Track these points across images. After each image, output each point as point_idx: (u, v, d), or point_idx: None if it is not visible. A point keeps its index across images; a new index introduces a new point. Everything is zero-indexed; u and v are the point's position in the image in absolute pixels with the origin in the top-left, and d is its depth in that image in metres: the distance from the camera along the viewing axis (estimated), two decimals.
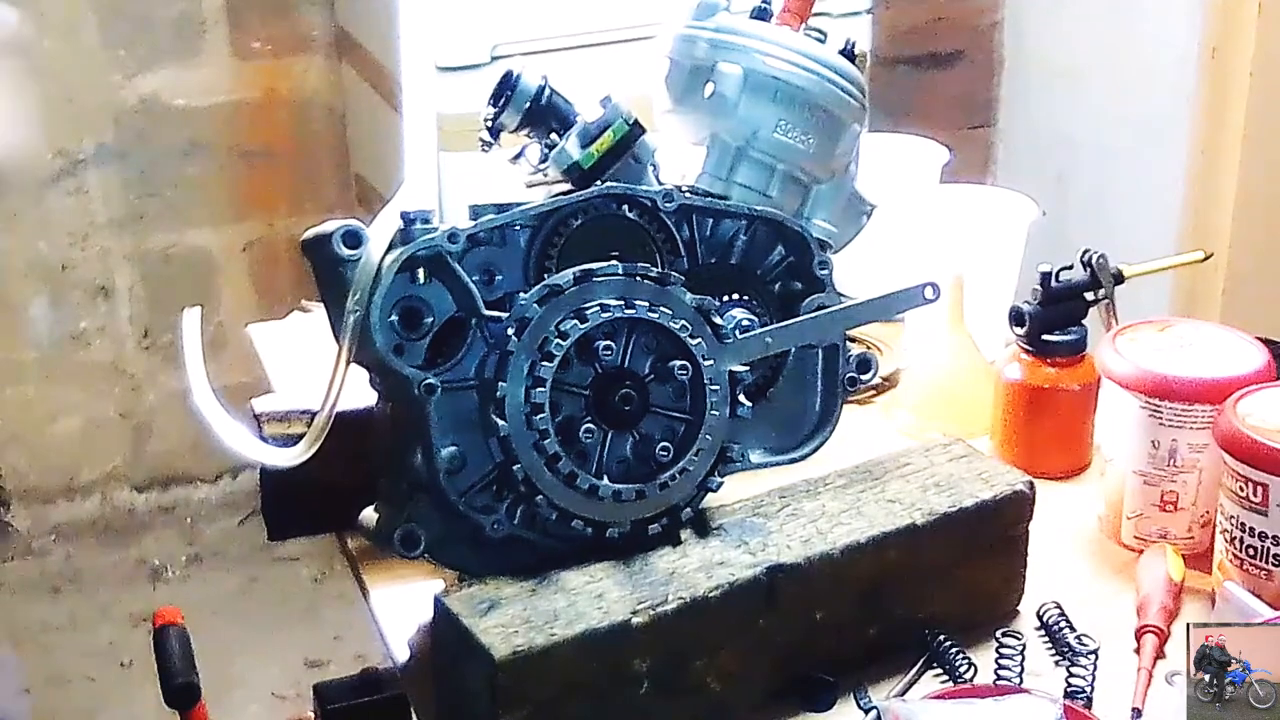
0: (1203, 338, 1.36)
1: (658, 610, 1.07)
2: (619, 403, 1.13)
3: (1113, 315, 1.45)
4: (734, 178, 1.28)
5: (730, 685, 1.12)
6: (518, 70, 1.24)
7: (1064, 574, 1.31)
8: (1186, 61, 2.73)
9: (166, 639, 1.59)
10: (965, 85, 3.28)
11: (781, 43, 1.26)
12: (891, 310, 1.30)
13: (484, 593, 1.09)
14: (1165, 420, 1.29)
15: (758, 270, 1.26)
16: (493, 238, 1.15)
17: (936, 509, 1.19)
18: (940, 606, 1.20)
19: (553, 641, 1.03)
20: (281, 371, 1.65)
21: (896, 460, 1.26)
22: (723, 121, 1.27)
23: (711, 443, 1.16)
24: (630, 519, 1.14)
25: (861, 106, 1.30)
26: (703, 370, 1.15)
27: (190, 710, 1.54)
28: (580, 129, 1.22)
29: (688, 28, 1.29)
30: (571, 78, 1.28)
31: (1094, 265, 1.45)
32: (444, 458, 1.11)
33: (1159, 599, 1.22)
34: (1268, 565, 1.20)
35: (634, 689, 1.07)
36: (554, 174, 1.23)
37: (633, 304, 1.13)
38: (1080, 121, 3.02)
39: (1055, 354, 1.43)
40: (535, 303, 1.11)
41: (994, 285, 1.62)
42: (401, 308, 1.11)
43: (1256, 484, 1.19)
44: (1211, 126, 2.73)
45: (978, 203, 1.71)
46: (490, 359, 1.12)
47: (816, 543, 1.15)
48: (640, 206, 1.19)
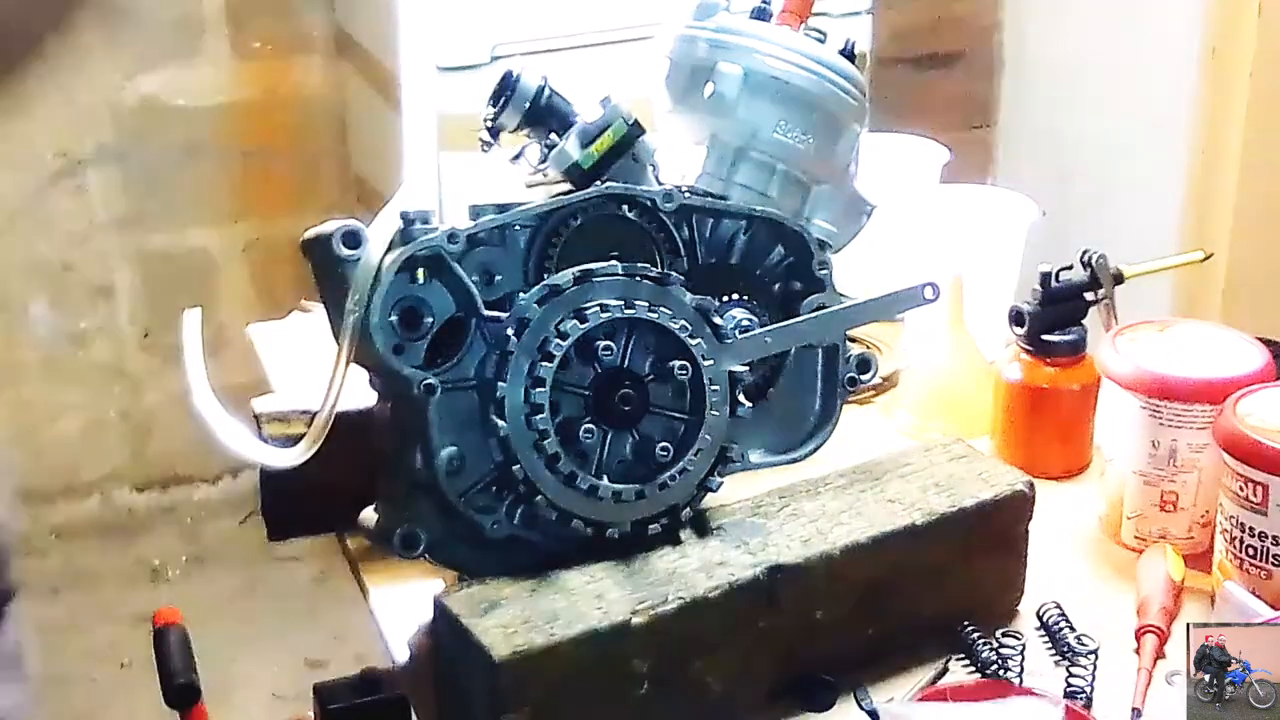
0: (1203, 338, 1.36)
1: (657, 610, 1.07)
2: (619, 403, 1.13)
3: (1113, 315, 1.45)
4: (734, 178, 1.28)
5: (730, 685, 1.12)
6: (518, 70, 1.24)
7: (1064, 574, 1.31)
8: (1186, 61, 2.73)
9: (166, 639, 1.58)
10: (965, 85, 3.28)
11: (781, 43, 1.26)
12: (891, 310, 1.30)
13: (484, 593, 1.09)
14: (1165, 420, 1.29)
15: (758, 270, 1.26)
16: (492, 238, 1.15)
17: (936, 509, 1.19)
18: (940, 606, 1.20)
19: (553, 641, 1.03)
20: (281, 371, 1.65)
21: (896, 460, 1.26)
22: (723, 121, 1.27)
23: (711, 443, 1.16)
24: (630, 519, 1.14)
25: (861, 106, 1.30)
26: (702, 370, 1.15)
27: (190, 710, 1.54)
28: (580, 129, 1.22)
29: (688, 28, 1.29)
30: (571, 78, 1.28)
31: (1094, 265, 1.45)
32: (444, 458, 1.11)
33: (1159, 599, 1.22)
34: (1268, 565, 1.20)
35: (634, 689, 1.07)
36: (554, 174, 1.23)
37: (632, 304, 1.13)
38: (1080, 121, 3.02)
39: (1055, 354, 1.43)
40: (535, 303, 1.11)
41: (994, 285, 1.62)
42: (401, 308, 1.11)
43: (1256, 484, 1.19)
44: (1211, 126, 2.73)
45: (978, 203, 1.71)
46: (490, 359, 1.12)
47: (816, 543, 1.15)
48: (640, 206, 1.19)
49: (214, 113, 2.97)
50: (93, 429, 3.11)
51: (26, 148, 2.89)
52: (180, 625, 1.60)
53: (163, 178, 2.98)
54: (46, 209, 2.93)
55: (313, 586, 3.02)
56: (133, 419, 3.13)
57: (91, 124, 2.91)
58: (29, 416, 3.06)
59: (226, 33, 2.93)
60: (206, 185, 3.02)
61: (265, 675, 2.75)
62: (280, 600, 2.99)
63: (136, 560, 3.11)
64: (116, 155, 2.94)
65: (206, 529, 3.19)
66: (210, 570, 3.10)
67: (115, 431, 3.13)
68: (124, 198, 2.97)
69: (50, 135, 2.89)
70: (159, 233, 3.02)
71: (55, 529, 3.12)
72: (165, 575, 3.10)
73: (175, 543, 3.16)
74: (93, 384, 3.07)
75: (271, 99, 2.99)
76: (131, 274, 3.03)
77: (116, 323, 3.05)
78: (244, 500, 3.14)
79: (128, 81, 2.90)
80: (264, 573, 3.04)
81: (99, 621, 2.93)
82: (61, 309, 3.01)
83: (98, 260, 3.00)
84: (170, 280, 3.04)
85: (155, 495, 3.19)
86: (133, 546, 3.13)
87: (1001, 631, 1.19)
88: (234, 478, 3.18)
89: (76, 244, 2.97)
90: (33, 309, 3.00)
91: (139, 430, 3.14)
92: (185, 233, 3.04)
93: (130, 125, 2.93)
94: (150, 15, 2.87)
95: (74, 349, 3.05)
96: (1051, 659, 1.20)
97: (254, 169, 3.04)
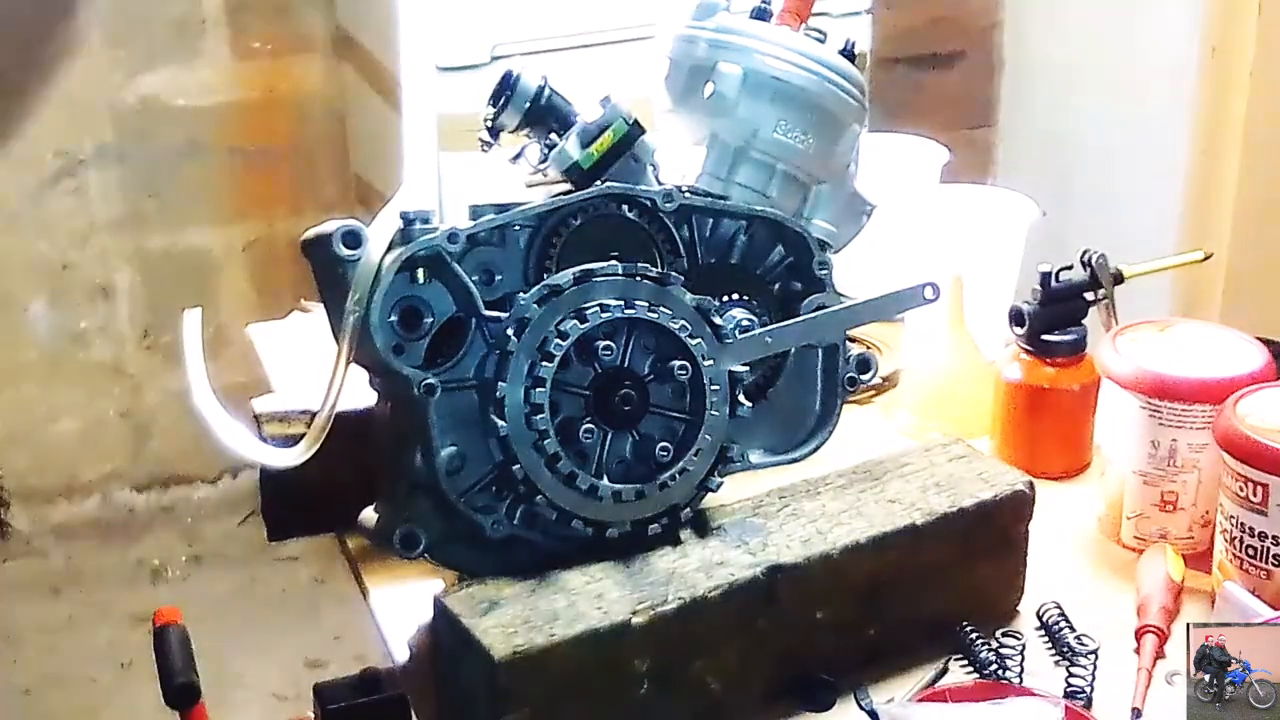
0: (1203, 338, 1.36)
1: (657, 610, 1.07)
2: (619, 403, 1.13)
3: (1113, 315, 1.45)
4: (734, 178, 1.28)
5: (730, 685, 1.12)
6: (518, 70, 1.24)
7: (1064, 574, 1.31)
8: (1186, 61, 2.73)
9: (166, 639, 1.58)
10: (965, 85, 3.28)
11: (781, 43, 1.26)
12: (891, 310, 1.30)
13: (484, 593, 1.09)
14: (1165, 420, 1.29)
15: (758, 270, 1.26)
16: (492, 238, 1.15)
17: (936, 509, 1.19)
18: (940, 606, 1.20)
19: (553, 641, 1.03)
20: (281, 371, 1.65)
21: (896, 460, 1.26)
22: (723, 121, 1.27)
23: (711, 443, 1.16)
24: (630, 519, 1.14)
25: (861, 106, 1.30)
26: (702, 370, 1.15)
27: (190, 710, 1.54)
28: (580, 129, 1.22)
29: (688, 28, 1.29)
30: (571, 78, 1.28)
31: (1094, 265, 1.45)
32: (444, 458, 1.11)
33: (1159, 599, 1.22)
34: (1268, 565, 1.20)
35: (634, 689, 1.07)
36: (554, 174, 1.23)
37: (632, 304, 1.13)
38: (1080, 121, 3.02)
39: (1055, 354, 1.43)
40: (535, 303, 1.11)
41: (994, 285, 1.62)
42: (401, 308, 1.11)
43: (1256, 484, 1.19)
44: (1211, 126, 2.73)
45: (978, 203, 1.71)
46: (490, 359, 1.12)
47: (816, 543, 1.15)
48: (640, 206, 1.19)
49: (214, 113, 2.97)
50: (93, 429, 3.11)
51: (26, 148, 2.89)
52: (180, 625, 1.60)
53: (162, 178, 2.98)
54: (46, 209, 2.93)
55: (313, 586, 3.02)
56: (133, 419, 3.13)
57: (91, 124, 2.91)
58: (29, 416, 3.06)
59: (226, 33, 2.93)
60: (206, 185, 3.02)
61: (265, 675, 2.75)
62: (280, 600, 2.99)
63: (136, 560, 3.11)
64: (116, 155, 2.94)
65: (206, 529, 3.19)
66: (210, 570, 3.10)
67: (115, 431, 3.13)
68: (124, 198, 2.97)
69: (50, 135, 2.89)
70: (159, 233, 3.02)
71: (55, 529, 3.12)
72: (165, 575, 3.10)
73: (175, 543, 3.16)
74: (93, 384, 3.07)
75: (271, 99, 2.99)
76: (131, 274, 3.03)
77: (116, 323, 3.05)
78: (244, 500, 3.14)
79: (128, 81, 2.90)
80: (264, 573, 3.04)
81: (99, 621, 2.93)
82: (61, 309, 3.01)
83: (98, 260, 3.00)
84: (170, 280, 3.04)
85: (155, 495, 3.19)
86: (133, 546, 3.13)
87: (1001, 632, 1.19)
88: (234, 478, 3.19)
89: (76, 244, 2.97)
90: (33, 309, 3.00)
91: (139, 430, 3.14)
92: (185, 233, 3.04)
93: (130, 125, 2.93)
94: (150, 15, 2.87)
95: (74, 349, 3.05)
96: (1051, 659, 1.20)
97: (254, 169, 3.04)
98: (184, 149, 2.97)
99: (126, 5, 2.85)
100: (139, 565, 3.10)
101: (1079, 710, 1.11)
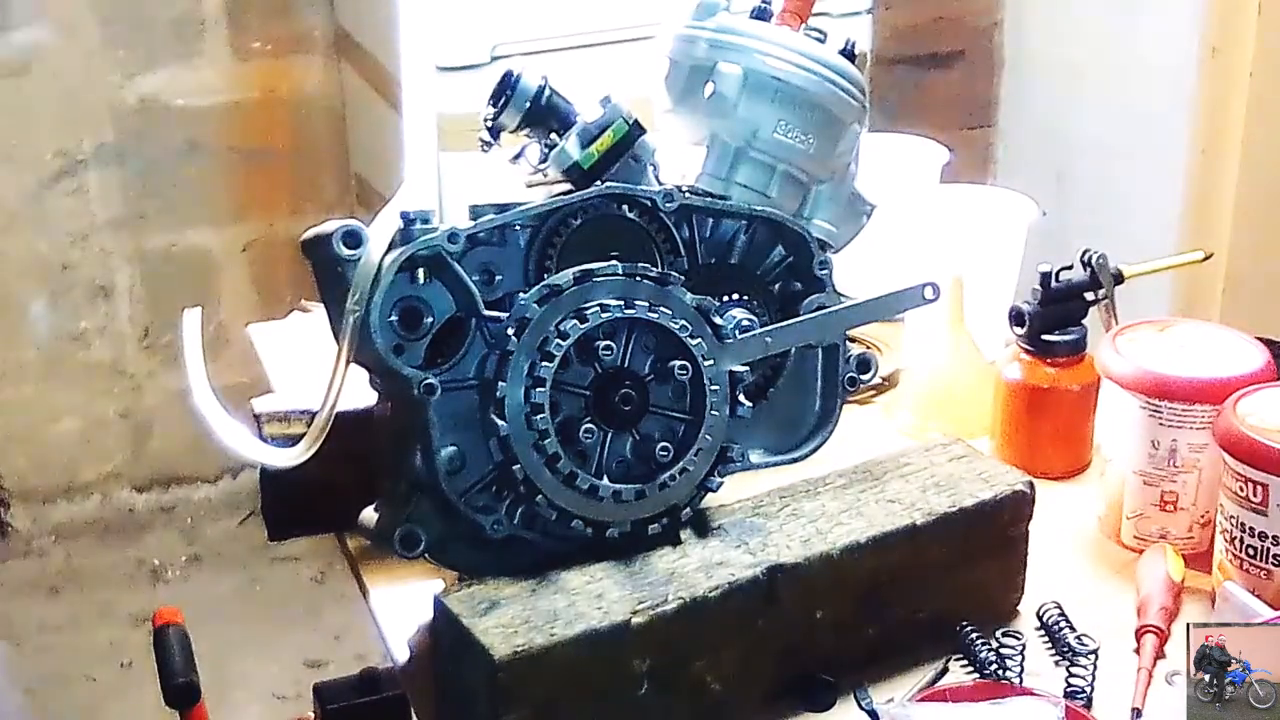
0: (1203, 338, 1.36)
1: (657, 610, 1.07)
2: (619, 403, 1.13)
3: (1113, 315, 1.45)
4: (734, 178, 1.28)
5: (730, 685, 1.12)
6: (518, 70, 1.24)
7: (1064, 574, 1.31)
8: (1186, 61, 2.73)
9: (166, 639, 1.59)
10: (965, 85, 3.28)
11: (781, 43, 1.26)
12: (891, 310, 1.30)
13: (484, 593, 1.09)
14: (1165, 420, 1.29)
15: (758, 270, 1.26)
16: (493, 238, 1.15)
17: (936, 509, 1.19)
18: (940, 606, 1.20)
19: (553, 641, 1.03)
20: (281, 371, 1.65)
21: (896, 460, 1.26)
22: (723, 121, 1.27)
23: (711, 443, 1.16)
24: (630, 519, 1.14)
25: (861, 106, 1.30)
26: (703, 370, 1.15)
27: (190, 710, 1.54)
28: (580, 129, 1.22)
29: (688, 28, 1.29)
30: (571, 78, 1.28)
31: (1094, 265, 1.45)
32: (444, 458, 1.11)
33: (1159, 599, 1.22)
34: (1268, 565, 1.20)
35: (634, 689, 1.07)
36: (554, 174, 1.23)
37: (632, 304, 1.13)
38: (1080, 121, 3.02)
39: (1055, 354, 1.43)
40: (535, 303, 1.11)
41: (994, 285, 1.62)
42: (401, 308, 1.11)
43: (1256, 484, 1.19)
44: (1211, 126, 2.72)
45: (978, 203, 1.71)
46: (490, 359, 1.12)
47: (816, 543, 1.15)
48: (640, 206, 1.19)
49: (214, 113, 2.97)
50: (92, 429, 3.11)
51: (26, 148, 2.89)
52: (180, 625, 1.60)
53: (162, 178, 2.98)
54: (46, 209, 2.93)
55: (313, 586, 3.02)
56: (133, 419, 3.13)
57: (91, 124, 2.91)
58: (29, 416, 3.06)
59: (226, 33, 2.93)
60: (206, 185, 3.02)
61: (265, 675, 2.75)
62: (280, 600, 2.99)
63: (136, 560, 3.11)
64: (116, 155, 2.94)
65: (206, 529, 3.19)
66: (210, 570, 3.10)
67: (115, 431, 3.13)
68: (124, 198, 2.97)
69: (50, 135, 2.89)
70: (159, 233, 3.02)
71: (55, 529, 3.12)
72: (165, 575, 3.10)
73: (175, 543, 3.16)
74: (92, 384, 3.07)
75: (271, 99, 2.99)
76: (131, 274, 3.03)
77: (116, 323, 3.05)
78: (244, 500, 3.14)
79: (128, 81, 2.90)
80: (264, 573, 3.04)
81: (99, 621, 2.93)
82: (61, 309, 3.01)
83: (98, 260, 3.00)
84: (170, 280, 3.04)
85: (155, 495, 3.19)
86: (133, 546, 3.13)
87: (1001, 631, 1.19)
88: (234, 478, 3.19)
89: (76, 244, 2.97)
90: (33, 309, 3.00)
91: (139, 430, 3.14)
92: (185, 233, 3.04)
93: (130, 125, 2.93)
94: (150, 15, 2.87)
95: (74, 349, 3.05)
96: (1051, 659, 1.20)
97: (254, 169, 3.04)
98: (184, 149, 2.98)
99: (126, 5, 2.85)
100: (139, 565, 3.10)
101: (1079, 710, 1.11)
